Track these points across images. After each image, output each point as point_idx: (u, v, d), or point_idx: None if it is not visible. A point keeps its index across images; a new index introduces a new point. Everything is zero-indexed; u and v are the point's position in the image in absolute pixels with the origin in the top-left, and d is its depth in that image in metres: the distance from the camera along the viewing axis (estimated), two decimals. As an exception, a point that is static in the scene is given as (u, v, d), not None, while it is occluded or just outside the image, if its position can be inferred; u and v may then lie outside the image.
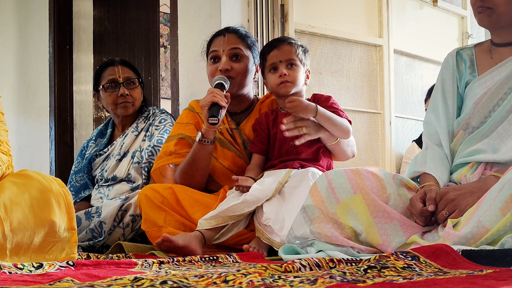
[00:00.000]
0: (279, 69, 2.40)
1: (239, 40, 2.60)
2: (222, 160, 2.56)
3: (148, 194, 2.39)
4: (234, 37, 2.60)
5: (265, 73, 2.49)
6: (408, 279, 1.09)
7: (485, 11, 1.90)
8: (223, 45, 2.55)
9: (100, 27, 4.61)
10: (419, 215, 1.74)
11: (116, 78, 3.01)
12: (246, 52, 2.59)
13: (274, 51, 2.43)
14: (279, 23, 3.47)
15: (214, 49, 2.57)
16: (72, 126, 4.37)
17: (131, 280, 1.06)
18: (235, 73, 2.53)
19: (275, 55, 2.43)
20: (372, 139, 4.06)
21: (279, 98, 2.52)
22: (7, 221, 1.66)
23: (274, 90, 2.46)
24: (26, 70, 4.63)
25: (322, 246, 1.77)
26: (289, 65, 2.41)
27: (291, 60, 2.41)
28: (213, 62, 2.57)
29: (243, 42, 2.60)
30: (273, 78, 2.42)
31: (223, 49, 2.54)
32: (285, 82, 2.39)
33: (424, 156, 1.98)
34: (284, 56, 2.41)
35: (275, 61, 2.42)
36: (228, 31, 2.62)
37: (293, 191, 2.19)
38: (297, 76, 2.42)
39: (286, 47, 2.43)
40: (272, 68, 2.43)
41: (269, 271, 1.21)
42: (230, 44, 2.56)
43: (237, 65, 2.55)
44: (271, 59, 2.43)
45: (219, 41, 2.58)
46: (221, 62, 2.53)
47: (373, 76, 4.09)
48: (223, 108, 2.34)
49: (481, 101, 1.91)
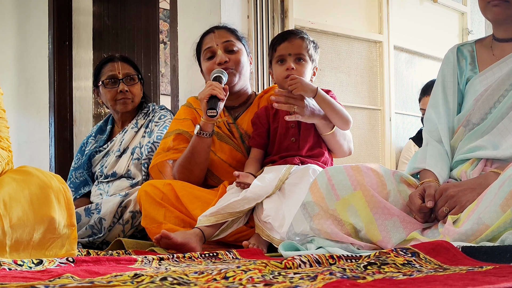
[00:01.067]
0: (287, 62, 2.38)
1: (229, 33, 2.62)
2: (220, 154, 2.56)
3: (147, 190, 2.39)
4: (224, 32, 2.62)
5: (272, 64, 2.47)
6: (408, 275, 1.09)
7: (502, 4, 1.88)
8: (215, 40, 2.57)
9: (100, 23, 4.60)
10: (418, 212, 1.74)
11: (116, 74, 3.01)
12: (239, 45, 2.61)
13: (285, 43, 2.41)
14: (279, 19, 3.47)
15: (208, 46, 2.58)
16: (71, 123, 4.37)
17: (131, 277, 1.06)
18: (233, 64, 2.54)
19: (285, 47, 2.40)
20: (372, 136, 4.06)
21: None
22: (6, 217, 1.66)
23: (279, 82, 2.44)
24: (25, 66, 4.63)
25: (322, 242, 1.77)
26: (298, 59, 2.39)
27: (300, 55, 2.39)
28: (209, 58, 2.57)
29: (234, 35, 2.63)
30: (280, 70, 2.40)
31: (217, 43, 2.56)
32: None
33: (424, 152, 1.98)
34: (294, 50, 2.39)
35: (284, 53, 2.39)
36: (217, 28, 2.65)
37: (294, 188, 2.18)
38: (304, 71, 2.39)
39: (297, 40, 2.40)
40: (280, 60, 2.41)
41: (269, 268, 1.21)
42: (222, 38, 2.58)
43: (233, 56, 2.56)
44: (280, 50, 2.41)
45: (210, 38, 2.60)
46: (217, 56, 2.54)
47: (373, 72, 4.09)
48: (221, 100, 2.34)
49: (482, 97, 1.91)
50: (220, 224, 2.20)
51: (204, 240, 2.16)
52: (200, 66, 2.69)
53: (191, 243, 2.06)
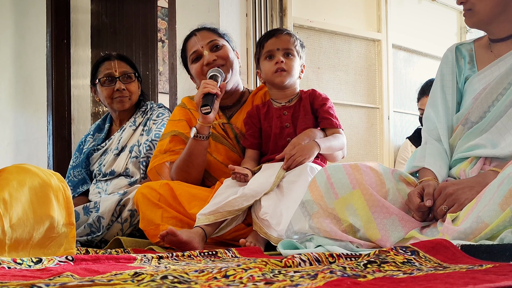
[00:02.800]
0: (276, 57, 2.39)
1: (212, 33, 2.62)
2: (216, 155, 2.56)
3: (144, 192, 2.39)
4: (206, 32, 2.62)
5: (260, 62, 2.47)
6: (409, 274, 1.09)
7: (466, 13, 1.92)
8: (199, 42, 2.56)
9: (98, 21, 4.59)
10: (416, 211, 1.73)
11: (112, 73, 3.00)
12: (223, 42, 2.60)
13: (273, 39, 2.42)
14: (277, 17, 3.47)
15: (193, 50, 2.57)
16: (70, 121, 4.36)
17: (131, 275, 1.06)
18: (222, 60, 2.55)
19: (272, 42, 2.41)
20: (370, 134, 4.06)
21: (272, 89, 2.49)
22: (7, 217, 1.65)
23: (269, 78, 2.44)
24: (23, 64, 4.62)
25: (321, 241, 1.77)
26: (286, 54, 2.40)
27: (288, 50, 2.40)
28: (196, 61, 2.57)
29: (216, 34, 2.63)
30: (269, 65, 2.40)
31: (201, 45, 2.56)
32: (280, 71, 2.38)
33: (423, 151, 1.98)
34: (282, 45, 2.40)
35: (272, 48, 2.40)
36: (197, 30, 2.64)
37: (292, 186, 2.18)
38: (293, 65, 2.40)
39: (284, 36, 2.42)
40: (268, 56, 2.41)
41: (269, 266, 1.21)
42: (206, 39, 2.58)
43: (220, 53, 2.56)
44: (268, 46, 2.42)
45: (194, 41, 2.59)
46: (204, 57, 2.53)
47: (372, 71, 4.09)
48: (216, 96, 2.33)
49: (481, 96, 1.91)
50: (220, 222, 2.19)
51: (206, 239, 2.15)
52: (189, 72, 2.68)
53: (194, 243, 2.06)
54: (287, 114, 2.43)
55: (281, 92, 2.47)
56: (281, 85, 2.42)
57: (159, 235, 2.07)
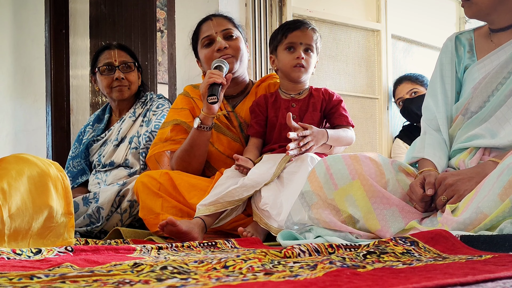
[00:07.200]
0: (297, 51, 2.39)
1: (227, 21, 2.61)
2: (217, 145, 2.55)
3: (144, 181, 2.39)
4: (222, 19, 2.61)
5: (278, 50, 2.46)
6: (408, 264, 1.09)
7: (466, 3, 1.91)
8: (214, 28, 2.55)
9: (97, 11, 4.57)
10: (419, 201, 1.74)
11: (112, 62, 3.00)
12: (236, 32, 2.59)
13: (298, 31, 2.41)
14: (277, 7, 3.45)
15: (206, 34, 2.56)
16: (68, 111, 4.35)
17: (131, 266, 1.06)
18: (233, 51, 2.53)
19: (297, 35, 2.40)
20: (369, 124, 4.05)
21: (284, 79, 2.49)
22: (6, 207, 1.65)
23: (286, 70, 2.43)
24: (21, 54, 4.60)
25: (320, 231, 1.77)
26: (306, 49, 2.41)
27: (310, 46, 2.41)
28: (207, 46, 2.55)
29: (231, 23, 2.62)
30: (289, 58, 2.40)
31: (216, 31, 2.54)
32: (300, 66, 2.38)
33: (423, 141, 1.98)
34: (306, 40, 2.40)
35: (296, 41, 2.40)
36: (214, 16, 2.63)
37: (292, 176, 2.18)
38: (311, 62, 2.42)
39: (310, 32, 2.41)
40: (289, 47, 2.41)
41: (269, 257, 1.21)
42: (220, 26, 2.56)
43: (232, 43, 2.54)
44: (292, 38, 2.41)
45: (208, 26, 2.57)
46: (216, 42, 2.52)
47: (371, 61, 4.08)
48: (222, 86, 2.33)
49: (480, 85, 1.91)
50: (220, 213, 2.20)
51: (205, 230, 2.15)
52: (197, 56, 2.67)
53: (194, 233, 2.06)
54: (295, 106, 2.43)
55: (293, 85, 2.47)
56: (297, 80, 2.43)
57: (159, 225, 2.07)
